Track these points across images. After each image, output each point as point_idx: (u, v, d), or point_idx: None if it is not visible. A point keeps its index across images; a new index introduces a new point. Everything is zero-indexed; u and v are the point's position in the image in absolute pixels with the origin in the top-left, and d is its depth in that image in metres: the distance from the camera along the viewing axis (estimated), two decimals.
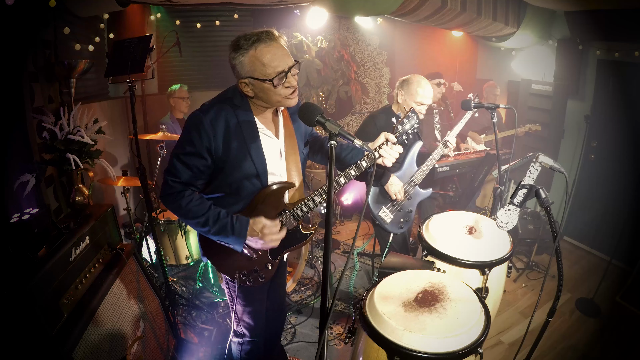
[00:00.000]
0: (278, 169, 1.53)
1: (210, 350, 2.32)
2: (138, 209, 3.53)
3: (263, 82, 1.33)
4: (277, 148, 1.52)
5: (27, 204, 1.67)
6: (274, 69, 1.32)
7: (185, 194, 1.41)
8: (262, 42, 1.32)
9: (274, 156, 1.51)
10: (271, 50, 1.32)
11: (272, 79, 1.32)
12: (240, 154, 1.42)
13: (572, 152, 3.81)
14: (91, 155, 2.10)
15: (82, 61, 2.23)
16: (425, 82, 2.36)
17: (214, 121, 1.37)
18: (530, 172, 1.49)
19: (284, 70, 1.33)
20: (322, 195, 1.50)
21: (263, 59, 1.31)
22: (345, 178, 1.50)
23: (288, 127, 1.57)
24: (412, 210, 2.47)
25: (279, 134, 1.53)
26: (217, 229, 1.41)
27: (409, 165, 2.43)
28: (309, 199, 1.51)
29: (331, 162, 1.08)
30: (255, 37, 1.31)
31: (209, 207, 1.42)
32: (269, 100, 1.39)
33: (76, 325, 1.44)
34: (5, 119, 1.79)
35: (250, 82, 1.35)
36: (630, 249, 3.12)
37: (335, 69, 4.59)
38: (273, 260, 1.57)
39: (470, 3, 3.14)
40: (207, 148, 1.37)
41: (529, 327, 1.61)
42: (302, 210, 1.52)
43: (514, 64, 4.32)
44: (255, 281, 1.57)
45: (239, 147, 1.41)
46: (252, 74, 1.33)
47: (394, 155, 1.53)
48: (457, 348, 1.25)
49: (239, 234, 1.42)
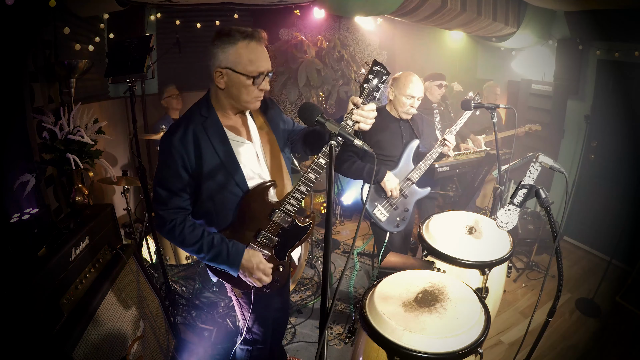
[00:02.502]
0: (259, 172, 1.50)
1: (210, 350, 2.32)
2: (138, 209, 3.53)
3: (242, 77, 1.34)
4: (252, 152, 1.50)
5: (27, 204, 1.67)
6: (257, 68, 1.34)
7: (177, 223, 1.40)
8: (255, 39, 1.34)
9: (250, 160, 1.49)
10: (260, 49, 1.35)
11: (253, 77, 1.34)
12: (214, 165, 1.41)
13: (572, 152, 3.81)
14: (91, 155, 2.10)
15: (82, 61, 2.23)
16: (415, 77, 2.35)
17: (183, 138, 1.37)
18: (530, 172, 1.49)
19: (264, 72, 1.36)
20: (306, 183, 1.44)
21: (251, 55, 1.32)
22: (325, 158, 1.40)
23: (263, 127, 1.56)
24: (408, 209, 2.46)
25: (252, 136, 1.51)
26: (211, 257, 1.42)
27: (405, 163, 2.42)
28: (295, 191, 1.47)
29: (331, 162, 1.08)
30: (249, 32, 1.33)
31: (202, 233, 1.42)
32: (239, 98, 1.39)
33: (76, 325, 1.44)
34: (5, 119, 1.79)
35: (227, 74, 1.35)
36: (630, 249, 3.12)
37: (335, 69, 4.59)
38: (283, 262, 1.55)
39: (470, 3, 3.14)
40: (183, 166, 1.37)
41: (529, 327, 1.60)
42: (292, 204, 1.48)
43: (514, 64, 4.32)
44: (272, 287, 1.54)
45: (211, 158, 1.40)
46: (234, 67, 1.33)
47: (367, 117, 1.38)
48: (457, 348, 1.25)
49: (233, 263, 1.43)
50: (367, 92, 1.41)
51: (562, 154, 3.93)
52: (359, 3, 3.12)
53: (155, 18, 3.68)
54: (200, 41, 3.98)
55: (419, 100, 2.39)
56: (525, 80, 4.27)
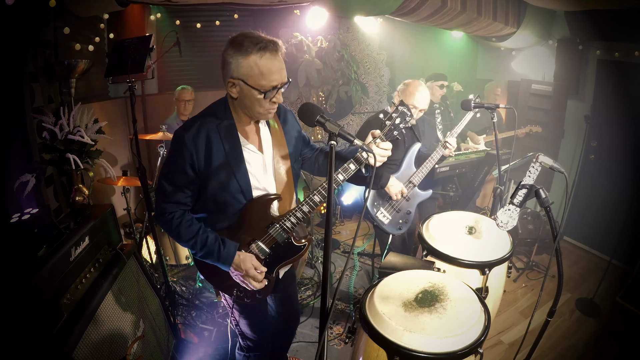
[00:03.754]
0: (264, 183, 1.48)
1: (210, 350, 2.32)
2: (138, 209, 3.53)
3: (254, 90, 1.30)
4: (261, 162, 1.47)
5: (27, 204, 1.67)
6: (269, 82, 1.29)
7: (175, 216, 1.41)
8: (268, 51, 1.28)
9: (258, 170, 1.47)
10: (274, 63, 1.29)
11: (265, 92, 1.30)
12: (223, 170, 1.39)
13: (572, 152, 3.81)
14: (91, 155, 2.10)
15: (82, 61, 2.23)
16: (424, 88, 2.36)
17: (196, 137, 1.35)
18: (530, 172, 1.49)
19: (277, 85, 1.31)
20: (310, 205, 1.44)
21: (263, 68, 1.27)
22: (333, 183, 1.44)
23: (277, 139, 1.52)
24: (411, 212, 2.47)
25: (263, 147, 1.48)
26: (204, 254, 1.42)
27: (407, 167, 2.43)
28: (298, 210, 1.46)
29: (331, 162, 1.08)
30: (263, 44, 1.27)
31: (198, 230, 1.41)
32: (251, 109, 1.37)
33: (76, 325, 1.44)
34: (5, 119, 1.79)
35: (240, 85, 1.31)
36: (630, 249, 3.12)
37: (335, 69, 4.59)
38: (268, 276, 1.52)
39: (470, 3, 3.14)
40: (190, 165, 1.36)
41: (529, 327, 1.60)
42: (291, 222, 1.47)
43: (514, 64, 4.32)
44: (253, 298, 1.54)
45: (221, 162, 1.38)
46: (246, 79, 1.29)
47: (381, 154, 1.41)
48: (457, 348, 1.25)
49: (224, 262, 1.43)
50: (388, 129, 1.45)
51: (562, 154, 3.93)
52: (359, 3, 3.11)
53: (155, 18, 3.68)
54: (200, 41, 3.98)
55: (422, 113, 2.41)
56: (525, 80, 4.27)
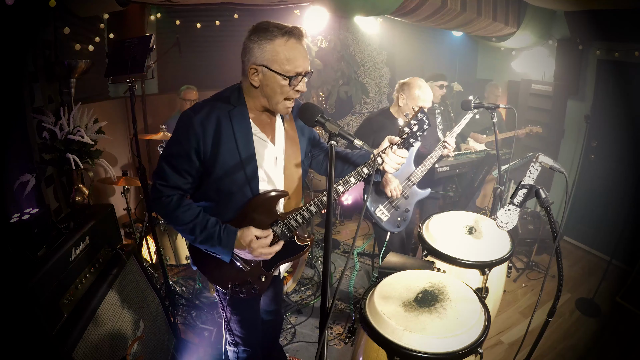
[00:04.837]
0: (272, 176, 1.44)
1: (210, 350, 2.32)
2: (138, 209, 3.53)
3: (278, 76, 1.26)
4: (272, 154, 1.43)
5: (27, 204, 1.66)
6: (295, 68, 1.26)
7: (173, 199, 1.34)
8: (294, 36, 1.25)
9: (267, 162, 1.42)
10: (299, 48, 1.26)
11: (290, 77, 1.26)
12: (230, 158, 1.33)
13: (572, 152, 3.81)
14: (91, 155, 2.10)
15: (82, 61, 2.23)
16: (425, 86, 2.36)
17: (205, 121, 1.29)
18: (530, 172, 1.49)
19: (302, 72, 1.28)
20: (318, 205, 1.42)
21: (288, 53, 1.24)
22: (344, 186, 1.43)
23: (289, 133, 1.48)
24: (409, 210, 2.47)
25: (276, 139, 1.44)
26: (203, 238, 1.34)
27: (406, 165, 2.43)
28: (304, 209, 1.42)
29: (331, 162, 1.06)
30: (289, 29, 1.24)
31: (197, 214, 1.34)
32: (272, 98, 1.31)
33: (76, 325, 1.44)
34: (5, 119, 1.79)
35: (263, 72, 1.27)
36: (630, 249, 3.12)
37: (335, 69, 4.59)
38: (267, 273, 1.49)
39: (470, 3, 3.14)
40: (196, 149, 1.30)
41: (529, 327, 1.60)
42: (297, 221, 1.43)
43: (514, 64, 4.32)
44: (248, 293, 1.49)
45: (229, 150, 1.33)
46: (270, 64, 1.25)
47: (395, 161, 1.41)
48: (457, 348, 1.25)
49: (226, 245, 1.34)
50: (405, 136, 1.44)
51: (562, 154, 3.93)
52: (359, 3, 3.11)
53: (155, 18, 3.68)
54: (200, 41, 3.98)
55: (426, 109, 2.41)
56: (525, 80, 4.27)
